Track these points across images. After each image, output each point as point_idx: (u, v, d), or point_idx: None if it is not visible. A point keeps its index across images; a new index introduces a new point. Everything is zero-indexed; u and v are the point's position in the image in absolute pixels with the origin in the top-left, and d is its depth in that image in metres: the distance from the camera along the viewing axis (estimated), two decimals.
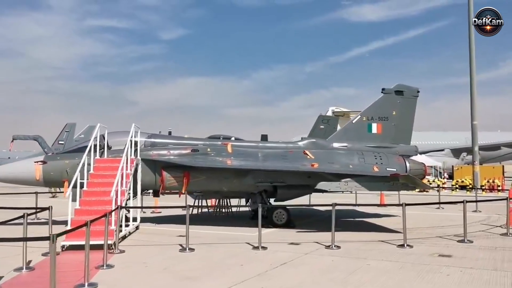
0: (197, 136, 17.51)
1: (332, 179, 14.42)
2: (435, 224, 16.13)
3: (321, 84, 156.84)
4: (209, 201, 19.47)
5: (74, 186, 12.93)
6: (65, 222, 11.85)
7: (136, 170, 14.62)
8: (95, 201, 12.01)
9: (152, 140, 15.71)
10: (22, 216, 9.60)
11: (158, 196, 16.36)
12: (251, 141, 17.30)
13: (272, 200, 16.22)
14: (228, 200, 18.67)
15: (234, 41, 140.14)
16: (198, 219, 17.50)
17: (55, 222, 12.28)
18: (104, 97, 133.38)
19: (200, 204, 18.53)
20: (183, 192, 15.27)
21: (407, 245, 11.54)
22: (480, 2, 32.48)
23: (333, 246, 11.34)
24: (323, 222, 17.22)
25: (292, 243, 12.11)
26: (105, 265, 9.05)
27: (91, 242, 10.47)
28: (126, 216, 15.40)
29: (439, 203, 18.29)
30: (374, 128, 17.63)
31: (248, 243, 11.80)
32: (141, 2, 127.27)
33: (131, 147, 14.96)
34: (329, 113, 74.35)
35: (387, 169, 16.52)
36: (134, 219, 14.65)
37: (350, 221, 17.77)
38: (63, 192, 15.01)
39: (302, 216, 18.09)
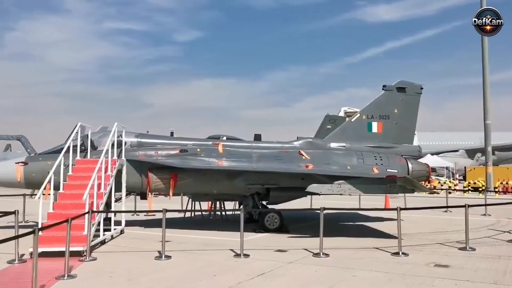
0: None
1: (326, 181, 13.55)
2: (439, 229, 15.16)
3: (335, 85, 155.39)
4: (206, 204, 18.77)
5: (55, 188, 12.37)
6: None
7: (120, 172, 13.96)
8: (70, 204, 11.35)
9: (139, 140, 15.03)
10: None
11: (145, 198, 15.66)
12: (245, 141, 16.51)
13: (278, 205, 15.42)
14: (223, 203, 17.93)
15: (248, 42, 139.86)
16: (191, 223, 16.84)
17: (24, 226, 11.67)
18: (120, 99, 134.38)
19: (193, 207, 17.78)
20: (171, 194, 14.52)
21: (403, 253, 10.64)
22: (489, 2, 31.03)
23: (321, 253, 10.50)
24: (315, 228, 16.35)
25: (279, 250, 11.29)
26: (66, 275, 8.33)
27: (71, 249, 10.00)
28: (110, 219, 14.85)
29: (440, 207, 17.09)
30: (375, 127, 16.70)
31: (232, 250, 11.02)
32: (157, 5, 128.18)
33: (117, 147, 14.41)
34: (341, 113, 72.99)
35: (388, 170, 15.60)
36: (119, 223, 14.00)
37: (349, 225, 16.91)
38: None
39: (300, 220, 17.27)
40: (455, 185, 36.22)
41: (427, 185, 23.12)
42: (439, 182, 37.47)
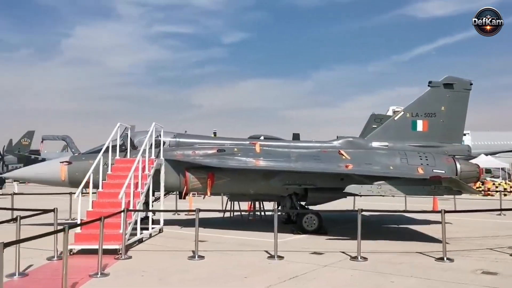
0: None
1: (366, 181, 13.03)
2: (490, 234, 14.26)
3: (384, 83, 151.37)
4: (246, 204, 18.63)
5: (95, 187, 12.62)
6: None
7: (159, 171, 14.08)
8: (108, 203, 11.51)
9: (177, 139, 15.09)
10: (15, 219, 9.14)
11: (184, 198, 15.71)
12: (283, 140, 16.22)
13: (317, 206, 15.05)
14: (262, 203, 17.73)
15: (294, 42, 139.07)
16: (229, 223, 16.75)
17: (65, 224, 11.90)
18: (168, 101, 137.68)
19: (232, 208, 17.68)
20: (208, 194, 14.47)
21: (447, 259, 10.01)
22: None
23: (359, 257, 10.06)
24: (363, 228, 15.81)
25: (315, 252, 10.95)
26: (99, 273, 8.40)
27: (104, 247, 10.13)
28: (152, 218, 15.01)
29: (493, 210, 16.03)
30: (419, 125, 15.96)
31: (267, 251, 10.79)
32: (204, 8, 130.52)
33: (156, 147, 14.56)
34: (390, 113, 71.03)
35: (434, 170, 14.86)
36: (158, 222, 14.13)
37: (393, 228, 16.24)
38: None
39: (341, 221, 16.79)
40: (511, 187, 34.26)
41: (478, 187, 21.87)
42: (494, 184, 35.56)
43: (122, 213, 10.48)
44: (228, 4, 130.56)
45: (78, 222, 11.09)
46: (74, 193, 18.89)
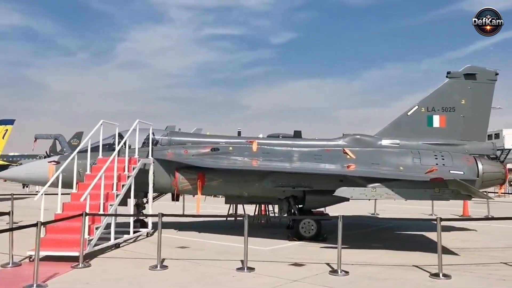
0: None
1: (362, 183, 11.64)
2: None
3: (438, 82, 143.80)
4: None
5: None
6: None
7: (145, 171, 13.37)
8: (76, 205, 10.80)
9: (170, 138, 14.28)
10: None
11: (177, 200, 14.89)
12: (286, 138, 14.99)
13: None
14: (267, 206, 16.64)
15: (344, 41, 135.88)
16: (228, 227, 15.66)
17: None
18: (218, 102, 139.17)
19: (235, 212, 16.67)
20: (199, 196, 13.55)
21: (443, 275, 8.56)
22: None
23: (339, 271, 8.79)
24: (370, 235, 14.41)
25: (295, 264, 9.76)
26: (34, 285, 7.63)
27: (62, 253, 9.49)
28: (142, 221, 14.33)
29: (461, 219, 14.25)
30: (436, 121, 14.30)
31: (243, 261, 9.69)
32: (253, 9, 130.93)
33: (148, 145, 13.88)
34: None
35: (451, 172, 13.23)
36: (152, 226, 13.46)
37: (404, 234, 14.69)
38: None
39: (351, 227, 15.39)
40: None
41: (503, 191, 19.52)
42: None
43: (85, 217, 9.73)
44: (276, 4, 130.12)
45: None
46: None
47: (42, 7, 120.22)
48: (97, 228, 10.44)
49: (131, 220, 12.40)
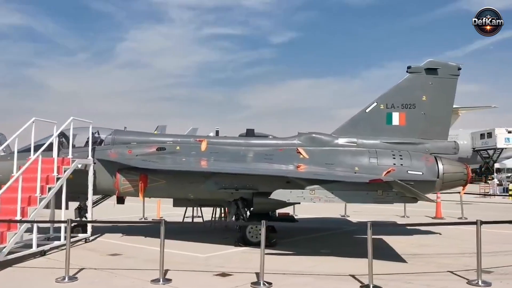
0: None
1: (305, 185, 10.82)
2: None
3: None
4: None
5: None
6: None
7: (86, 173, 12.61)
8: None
9: (114, 137, 13.49)
10: None
11: (122, 203, 14.11)
12: (240, 137, 14.16)
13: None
14: (222, 209, 15.78)
15: (344, 40, 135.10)
16: (183, 232, 14.81)
17: None
18: (219, 102, 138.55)
19: (185, 214, 15.86)
20: (141, 199, 12.77)
21: (374, 286, 7.78)
22: None
23: (262, 283, 8.02)
24: (324, 239, 13.58)
25: (222, 274, 9.00)
26: None
27: None
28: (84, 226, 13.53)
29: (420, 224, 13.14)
30: (396, 118, 13.51)
31: (167, 271, 8.92)
32: (254, 9, 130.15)
33: (89, 144, 13.11)
34: None
35: (409, 172, 12.49)
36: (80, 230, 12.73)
37: (363, 238, 13.79)
38: None
39: (308, 231, 14.68)
40: None
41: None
42: None
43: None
44: (277, 4, 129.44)
45: None
46: None
47: (43, 7, 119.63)
48: (13, 235, 9.65)
49: (62, 226, 11.57)
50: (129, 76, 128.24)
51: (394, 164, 12.66)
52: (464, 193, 23.22)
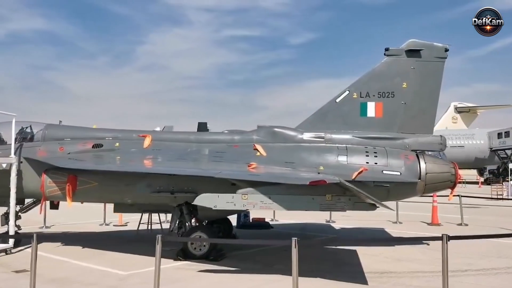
0: None
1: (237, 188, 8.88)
2: (458, 263, 9.56)
3: (459, 80, 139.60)
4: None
5: None
6: None
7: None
8: None
9: (44, 132, 11.77)
10: None
11: (56, 208, 12.37)
12: (192, 132, 12.29)
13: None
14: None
15: (362, 40, 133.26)
16: (140, 240, 12.95)
17: None
18: (237, 103, 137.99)
19: (141, 220, 14.04)
20: (69, 204, 10.96)
21: None
22: None
23: None
24: (283, 253, 11.54)
25: None
26: None
27: None
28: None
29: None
30: (371, 109, 11.50)
31: None
32: (272, 10, 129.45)
33: (22, 141, 11.50)
34: (451, 109, 63.90)
35: (384, 172, 10.49)
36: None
37: (334, 250, 11.82)
38: None
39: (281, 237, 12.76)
40: None
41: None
42: None
43: None
44: (294, 5, 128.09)
45: None
46: None
47: (64, 11, 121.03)
48: None
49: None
50: (148, 79, 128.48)
51: (367, 162, 10.68)
52: (472, 197, 21.21)
